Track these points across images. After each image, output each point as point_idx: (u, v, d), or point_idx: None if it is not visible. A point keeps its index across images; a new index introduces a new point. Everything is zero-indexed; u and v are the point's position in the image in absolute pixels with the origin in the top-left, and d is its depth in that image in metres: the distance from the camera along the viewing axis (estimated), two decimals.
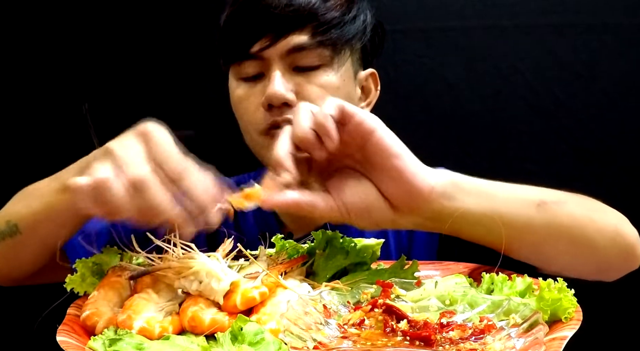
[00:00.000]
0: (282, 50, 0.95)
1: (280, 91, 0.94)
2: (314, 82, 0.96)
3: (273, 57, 0.95)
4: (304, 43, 0.95)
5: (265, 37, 0.94)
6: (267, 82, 0.96)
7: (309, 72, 0.96)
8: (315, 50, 0.95)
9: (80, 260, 0.77)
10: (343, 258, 0.78)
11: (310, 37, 0.95)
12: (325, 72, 0.97)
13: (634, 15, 1.58)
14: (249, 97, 0.98)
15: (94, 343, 0.61)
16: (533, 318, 0.60)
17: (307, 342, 0.59)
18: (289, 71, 0.96)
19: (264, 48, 0.95)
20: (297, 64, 0.96)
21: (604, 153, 1.62)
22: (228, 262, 0.75)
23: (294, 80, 0.96)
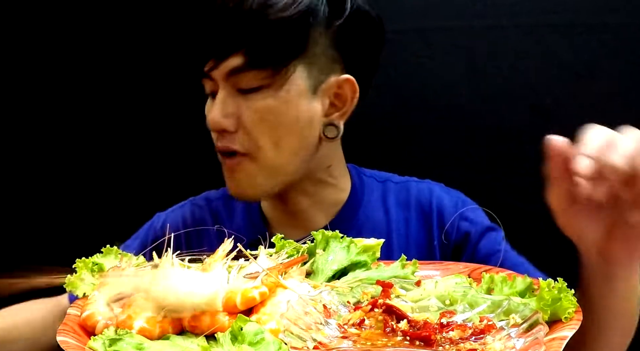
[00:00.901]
0: (221, 73, 0.92)
1: (215, 118, 0.93)
2: (252, 107, 0.92)
3: (218, 78, 0.93)
4: (239, 66, 0.90)
5: (210, 58, 0.92)
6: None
7: (249, 94, 0.92)
8: (252, 72, 0.90)
9: (80, 260, 0.77)
10: (343, 258, 0.78)
11: (244, 59, 0.90)
12: (264, 94, 0.92)
13: (634, 15, 1.58)
14: (208, 115, 0.97)
15: (94, 343, 0.61)
16: (533, 318, 0.60)
17: (307, 342, 0.59)
18: (233, 93, 0.93)
19: (209, 70, 0.93)
20: (238, 86, 0.93)
21: None
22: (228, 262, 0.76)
23: (236, 103, 0.93)
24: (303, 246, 0.81)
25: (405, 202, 1.07)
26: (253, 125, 0.92)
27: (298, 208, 1.04)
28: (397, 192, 1.08)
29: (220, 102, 0.93)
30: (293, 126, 0.94)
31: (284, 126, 0.93)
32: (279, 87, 0.92)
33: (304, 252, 0.80)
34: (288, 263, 0.75)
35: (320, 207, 1.05)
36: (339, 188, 1.06)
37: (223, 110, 0.93)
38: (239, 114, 0.93)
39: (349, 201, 1.06)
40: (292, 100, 0.92)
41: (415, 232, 1.04)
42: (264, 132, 0.93)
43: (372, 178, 1.11)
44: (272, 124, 0.92)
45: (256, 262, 0.74)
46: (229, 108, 0.93)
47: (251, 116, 0.92)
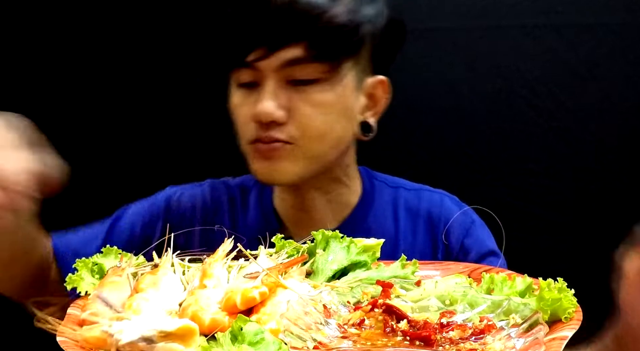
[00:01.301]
0: (276, 64, 0.91)
1: (269, 109, 0.91)
2: (308, 99, 0.92)
3: (267, 69, 0.92)
4: (300, 56, 0.90)
5: (260, 48, 0.91)
6: (260, 94, 0.93)
7: (304, 86, 0.92)
8: (311, 65, 0.91)
9: (80, 260, 0.77)
10: (343, 258, 0.78)
11: (306, 51, 0.90)
12: (321, 87, 0.93)
13: (634, 15, 1.58)
14: (242, 106, 0.95)
15: None
16: (533, 318, 0.60)
17: (307, 342, 0.59)
18: (283, 84, 0.92)
19: (257, 60, 0.91)
20: (291, 77, 0.92)
21: (604, 153, 1.62)
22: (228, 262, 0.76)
23: (288, 94, 0.92)
24: (303, 246, 0.81)
25: (415, 211, 1.06)
26: (307, 117, 0.92)
27: (312, 206, 1.04)
28: (409, 200, 1.08)
29: (271, 93, 0.91)
30: (341, 119, 0.96)
31: (335, 119, 0.95)
32: (335, 82, 0.93)
33: (304, 252, 0.80)
34: (288, 263, 0.75)
35: (333, 207, 1.05)
36: (352, 189, 1.06)
37: (276, 101, 0.91)
38: (290, 106, 0.92)
39: (359, 204, 1.06)
40: (344, 94, 0.95)
41: (422, 242, 1.04)
42: (316, 123, 0.93)
43: (383, 183, 1.10)
44: (325, 116, 0.93)
45: (256, 262, 0.74)
46: (281, 99, 0.92)
47: (306, 108, 0.92)
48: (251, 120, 0.94)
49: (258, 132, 0.93)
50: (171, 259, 0.77)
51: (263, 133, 0.93)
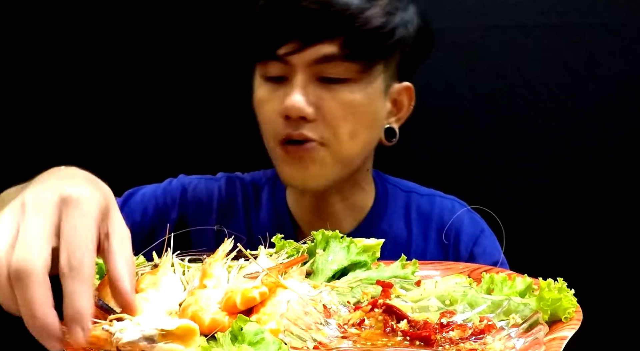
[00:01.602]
0: (308, 59, 0.89)
1: (299, 104, 0.89)
2: (337, 98, 0.91)
3: (298, 63, 0.90)
4: (334, 54, 0.89)
5: (293, 41, 0.89)
6: (289, 88, 0.91)
7: (334, 84, 0.91)
8: (344, 63, 0.90)
9: None
10: (343, 258, 0.78)
11: (340, 49, 0.89)
12: (351, 87, 0.91)
13: (634, 15, 1.58)
14: (270, 101, 0.93)
15: None
16: (533, 318, 0.60)
17: (307, 342, 0.59)
18: (313, 80, 0.91)
19: (289, 53, 0.89)
20: (322, 74, 0.90)
21: (604, 153, 1.63)
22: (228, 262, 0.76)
23: (317, 91, 0.91)
24: (303, 246, 0.81)
25: (427, 217, 1.06)
26: (335, 116, 0.91)
27: (330, 210, 1.03)
28: (421, 205, 1.08)
29: (302, 88, 0.90)
30: (369, 122, 0.95)
31: (363, 120, 0.94)
32: (366, 83, 0.92)
33: (304, 252, 0.80)
34: (288, 263, 0.75)
35: (349, 211, 1.05)
36: (367, 193, 1.06)
37: (306, 97, 0.90)
38: (319, 103, 0.91)
39: (373, 209, 1.06)
40: (373, 97, 0.94)
41: (433, 248, 1.04)
42: (345, 123, 0.92)
43: (396, 188, 1.10)
44: (353, 117, 0.92)
45: (256, 262, 0.74)
46: (311, 95, 0.90)
47: (335, 107, 0.91)
48: (279, 116, 0.92)
49: (288, 130, 0.91)
50: (171, 259, 0.77)
51: (294, 131, 0.91)
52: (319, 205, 1.03)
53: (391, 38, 0.92)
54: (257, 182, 1.11)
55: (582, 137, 1.62)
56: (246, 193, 1.09)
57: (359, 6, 0.89)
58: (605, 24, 1.58)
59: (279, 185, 1.08)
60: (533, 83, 1.62)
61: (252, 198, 1.08)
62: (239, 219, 1.06)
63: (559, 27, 1.60)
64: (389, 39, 0.92)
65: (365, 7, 0.89)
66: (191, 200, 1.08)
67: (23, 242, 0.53)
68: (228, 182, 1.10)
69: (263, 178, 1.11)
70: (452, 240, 1.03)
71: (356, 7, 0.88)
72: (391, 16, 0.92)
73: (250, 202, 1.08)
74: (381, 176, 1.11)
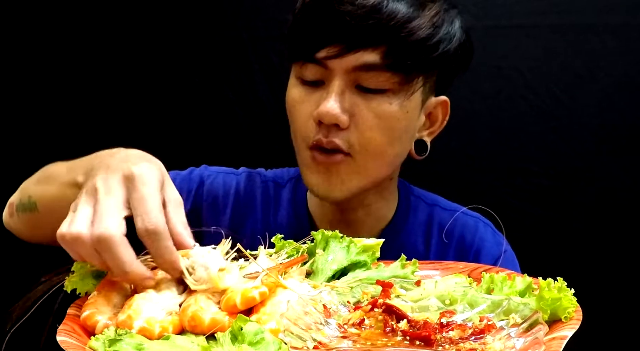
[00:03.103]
0: (348, 65, 0.86)
1: (334, 111, 0.86)
2: (373, 108, 0.88)
3: (337, 69, 0.87)
4: (375, 63, 0.86)
5: (334, 45, 0.86)
6: (325, 93, 0.89)
7: (371, 93, 0.88)
8: (384, 73, 0.87)
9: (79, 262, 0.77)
10: (343, 258, 0.78)
11: (382, 58, 0.86)
12: (388, 98, 0.88)
13: (634, 15, 1.58)
14: (303, 103, 0.91)
15: (94, 343, 0.61)
16: (533, 318, 0.60)
17: (307, 342, 0.59)
18: (350, 87, 0.88)
19: (329, 57, 0.87)
20: (360, 82, 0.88)
21: (604, 153, 1.63)
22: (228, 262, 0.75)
23: (353, 99, 0.88)
24: (303, 246, 0.81)
25: (448, 233, 1.03)
26: (369, 126, 0.89)
27: (352, 218, 1.02)
28: (443, 220, 1.05)
29: (338, 95, 0.87)
30: (402, 135, 0.93)
31: (396, 133, 0.91)
32: (403, 95, 0.89)
33: (304, 252, 0.80)
34: (288, 263, 0.75)
35: (370, 221, 1.03)
36: (390, 203, 1.05)
37: (341, 104, 0.87)
38: (354, 111, 0.88)
39: (393, 220, 1.04)
40: (410, 110, 0.91)
41: None
42: (377, 134, 0.90)
43: (420, 200, 1.08)
44: (386, 129, 0.90)
45: (256, 262, 0.74)
46: (346, 103, 0.88)
47: (370, 117, 0.88)
48: (311, 120, 0.90)
49: (319, 135, 0.89)
50: None
51: (324, 137, 0.89)
52: (341, 214, 1.01)
53: (435, 51, 0.89)
54: (278, 180, 1.08)
55: (582, 137, 1.62)
56: (266, 191, 1.07)
57: (405, 15, 0.86)
58: (606, 24, 1.58)
59: (300, 186, 1.06)
60: (533, 83, 1.62)
61: (272, 197, 1.06)
62: (256, 217, 1.04)
63: (559, 27, 1.60)
64: (432, 52, 0.89)
65: (412, 17, 0.86)
66: (206, 194, 1.06)
67: (100, 216, 0.64)
68: (248, 178, 1.08)
69: (286, 176, 1.09)
70: (472, 260, 1.00)
71: (403, 16, 0.85)
72: (437, 29, 0.89)
73: (270, 200, 1.06)
74: (406, 187, 1.08)
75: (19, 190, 0.93)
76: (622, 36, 1.58)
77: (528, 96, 1.62)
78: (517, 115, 1.63)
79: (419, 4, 0.88)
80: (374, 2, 0.85)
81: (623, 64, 1.59)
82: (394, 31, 0.85)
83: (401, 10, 0.86)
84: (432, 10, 0.89)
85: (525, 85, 1.62)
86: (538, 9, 1.60)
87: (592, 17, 1.58)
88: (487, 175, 1.65)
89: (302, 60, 0.90)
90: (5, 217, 0.96)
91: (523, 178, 1.66)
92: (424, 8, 0.88)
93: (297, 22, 0.91)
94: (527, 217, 1.65)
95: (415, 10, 0.87)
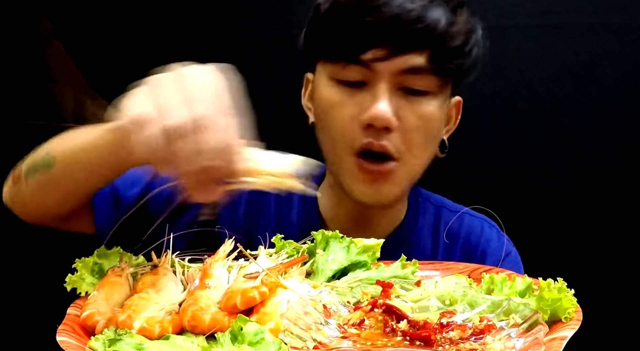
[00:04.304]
0: (395, 67, 0.86)
1: (387, 114, 0.86)
2: (416, 110, 0.89)
3: (384, 71, 0.87)
4: (422, 66, 0.87)
5: (381, 48, 0.86)
6: (369, 95, 0.88)
7: (414, 96, 0.89)
8: (429, 76, 0.88)
9: (80, 260, 0.77)
10: (343, 258, 0.78)
11: (428, 62, 0.87)
12: (430, 100, 0.90)
13: (634, 15, 1.58)
14: (345, 105, 0.90)
15: (94, 343, 0.61)
16: (533, 318, 0.60)
17: (307, 342, 0.59)
18: (394, 90, 0.88)
19: (377, 59, 0.86)
20: (405, 85, 0.88)
21: (604, 153, 1.63)
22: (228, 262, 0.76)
23: (398, 102, 0.88)
24: (303, 246, 0.81)
25: (455, 234, 1.04)
26: (413, 129, 0.89)
27: (370, 219, 1.01)
28: (449, 221, 1.06)
29: (387, 98, 0.87)
30: (436, 135, 0.95)
31: (435, 134, 0.94)
32: (441, 97, 0.92)
33: (304, 252, 0.80)
34: (288, 263, 0.75)
35: (384, 222, 1.02)
36: (403, 204, 1.04)
37: (391, 107, 0.88)
38: (399, 114, 0.88)
39: (404, 221, 1.04)
40: (443, 111, 0.94)
41: None
42: (420, 136, 0.91)
43: (428, 201, 1.08)
44: (427, 130, 0.91)
45: (256, 262, 0.74)
46: (393, 106, 0.88)
47: (414, 119, 0.89)
48: (355, 123, 0.89)
49: (368, 139, 0.89)
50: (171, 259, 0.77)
51: (376, 141, 0.89)
52: (359, 214, 1.00)
53: (469, 56, 0.92)
54: None
55: (582, 137, 1.62)
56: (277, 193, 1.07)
57: (448, 20, 0.88)
58: (606, 24, 1.58)
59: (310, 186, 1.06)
60: (533, 83, 1.62)
61: (284, 196, 1.04)
62: (270, 215, 1.04)
63: (559, 27, 1.60)
64: (468, 57, 0.92)
65: (452, 22, 0.88)
66: None
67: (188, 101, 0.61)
68: None
69: None
70: (477, 261, 1.00)
71: (445, 22, 0.87)
72: (470, 34, 0.92)
73: (282, 198, 1.05)
74: (414, 188, 1.07)
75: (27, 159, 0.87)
76: (622, 36, 1.58)
77: (528, 96, 1.62)
78: (517, 115, 1.63)
79: (453, 9, 0.90)
80: (421, 6, 0.86)
81: (623, 64, 1.59)
82: (439, 36, 0.87)
83: (443, 15, 0.88)
84: (462, 16, 0.91)
85: (525, 85, 1.61)
86: (538, 9, 1.60)
87: (592, 17, 1.58)
88: (487, 175, 1.65)
89: (343, 61, 0.89)
90: (6, 193, 0.91)
91: (523, 178, 1.66)
92: (457, 13, 0.90)
93: (333, 23, 0.90)
94: (527, 217, 1.65)
95: (452, 15, 0.89)
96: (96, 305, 0.69)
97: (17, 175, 0.87)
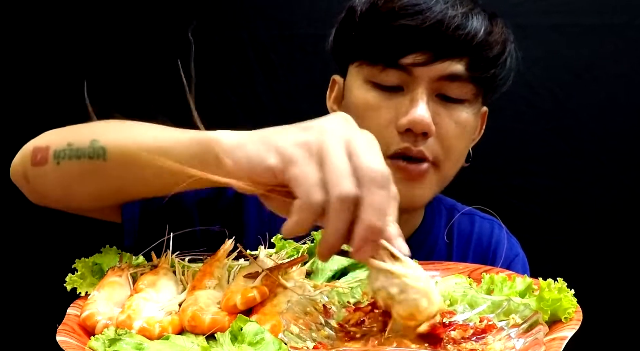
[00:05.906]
0: (435, 73, 0.87)
1: (427, 120, 0.86)
2: (454, 117, 0.89)
3: (423, 76, 0.87)
4: (460, 73, 0.87)
5: (422, 53, 0.86)
6: (406, 100, 0.88)
7: (452, 103, 0.89)
8: (467, 84, 0.88)
9: (80, 260, 0.77)
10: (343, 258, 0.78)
11: (467, 70, 0.87)
12: (466, 108, 0.91)
13: (634, 15, 1.58)
14: (381, 109, 0.89)
15: (94, 343, 0.61)
16: (533, 319, 0.60)
17: (307, 342, 0.59)
18: (432, 96, 0.88)
19: (417, 64, 0.86)
20: (442, 92, 0.89)
21: (604, 153, 1.63)
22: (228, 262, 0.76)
23: (435, 108, 0.88)
24: (303, 246, 0.81)
25: (467, 235, 1.05)
26: (451, 135, 0.90)
27: None
28: (461, 224, 1.06)
29: (426, 103, 0.87)
30: (469, 143, 0.96)
31: (468, 142, 0.95)
32: (476, 106, 0.93)
33: (304, 252, 0.80)
34: (288, 263, 0.75)
35: (407, 227, 1.02)
36: (422, 209, 1.04)
37: (429, 112, 0.88)
38: (437, 120, 0.89)
39: (422, 224, 1.04)
40: (477, 120, 0.96)
41: None
42: (457, 143, 0.91)
43: (440, 203, 1.09)
44: (463, 138, 0.92)
45: (256, 262, 0.74)
46: (431, 111, 0.88)
47: (451, 126, 0.90)
48: (391, 127, 0.89)
49: (405, 144, 0.88)
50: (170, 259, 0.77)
51: (414, 147, 0.88)
52: None
53: (504, 66, 0.93)
54: None
55: (582, 137, 1.62)
56: None
57: (486, 30, 0.88)
58: (606, 24, 1.58)
59: None
60: (533, 83, 1.62)
61: None
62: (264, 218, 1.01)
63: (559, 27, 1.60)
64: (504, 67, 0.93)
65: (490, 31, 0.89)
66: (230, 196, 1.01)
67: (337, 178, 0.55)
68: None
69: None
70: (489, 262, 1.01)
71: (485, 31, 0.88)
72: (506, 43, 0.93)
73: None
74: None
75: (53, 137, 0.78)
76: (623, 36, 1.58)
77: (528, 96, 1.62)
78: (517, 115, 1.63)
79: (490, 18, 0.91)
80: (462, 13, 0.86)
81: (623, 64, 1.59)
82: (478, 44, 0.87)
83: (483, 23, 0.88)
84: (499, 26, 0.92)
85: (525, 85, 1.61)
86: (538, 9, 1.60)
87: (592, 18, 1.58)
88: (487, 175, 1.65)
89: (382, 65, 0.89)
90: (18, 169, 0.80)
91: (523, 178, 1.66)
92: (493, 23, 0.91)
93: (372, 25, 0.89)
94: (527, 217, 1.65)
95: (490, 24, 0.90)
96: (96, 305, 0.68)
97: (41, 155, 0.76)
